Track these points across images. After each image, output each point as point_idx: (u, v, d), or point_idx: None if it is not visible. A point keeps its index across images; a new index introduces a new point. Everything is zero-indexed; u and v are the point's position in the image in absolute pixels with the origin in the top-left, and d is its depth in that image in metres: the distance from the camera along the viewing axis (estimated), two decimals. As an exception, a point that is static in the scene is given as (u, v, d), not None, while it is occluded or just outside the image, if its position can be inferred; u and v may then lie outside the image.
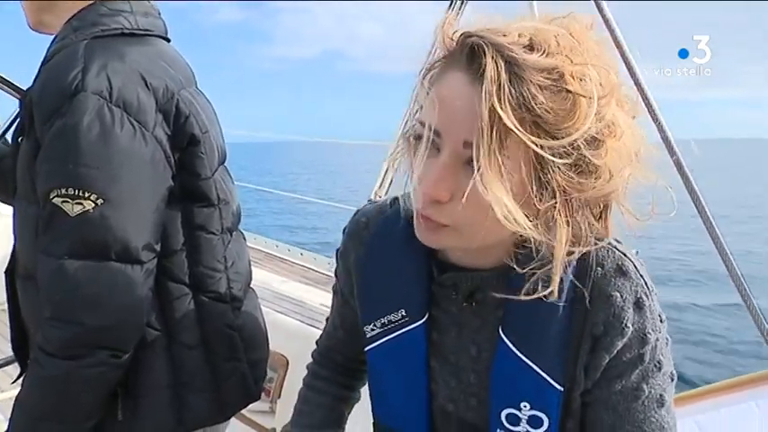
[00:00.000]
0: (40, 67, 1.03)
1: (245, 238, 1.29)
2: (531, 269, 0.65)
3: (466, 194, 0.59)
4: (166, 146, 1.01)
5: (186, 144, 1.05)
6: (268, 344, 1.28)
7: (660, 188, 0.65)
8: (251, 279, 1.27)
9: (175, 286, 1.07)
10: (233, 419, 1.23)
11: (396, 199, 0.81)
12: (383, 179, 2.61)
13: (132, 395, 1.04)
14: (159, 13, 1.15)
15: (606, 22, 1.38)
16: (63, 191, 0.91)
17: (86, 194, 0.91)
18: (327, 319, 0.99)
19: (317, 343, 1.02)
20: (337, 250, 0.88)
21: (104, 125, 0.92)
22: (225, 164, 1.21)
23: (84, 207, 0.91)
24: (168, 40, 1.17)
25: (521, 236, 0.67)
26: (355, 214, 0.87)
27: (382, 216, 0.82)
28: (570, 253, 0.64)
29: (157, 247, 1.01)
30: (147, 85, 0.99)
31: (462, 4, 2.12)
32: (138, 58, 1.01)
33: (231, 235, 1.17)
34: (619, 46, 1.36)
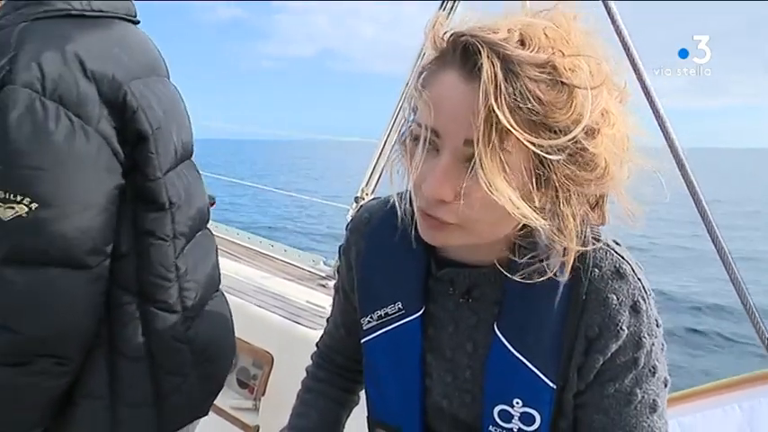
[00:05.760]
0: None
1: (212, 237, 1.21)
2: (529, 259, 0.67)
3: (471, 193, 0.60)
4: (114, 141, 0.93)
5: (135, 141, 0.96)
6: (232, 354, 1.21)
7: (656, 176, 0.65)
8: (216, 285, 1.19)
9: (120, 293, 0.99)
10: (215, 416, 1.20)
11: (397, 194, 0.81)
12: (370, 177, 2.60)
13: (66, 401, 0.97)
14: None
15: (616, 27, 1.36)
16: None
17: (18, 198, 0.84)
18: (328, 320, 0.99)
19: (317, 345, 1.01)
20: (340, 246, 0.88)
21: (36, 122, 0.84)
22: (191, 159, 1.14)
23: (17, 211, 0.84)
24: (136, 23, 1.08)
25: (520, 231, 0.68)
26: (358, 210, 0.88)
27: (383, 211, 0.83)
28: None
29: (108, 250, 0.94)
30: (87, 74, 0.89)
31: (454, 4, 2.12)
32: (83, 43, 0.91)
33: (188, 240, 1.08)
34: (628, 51, 1.34)
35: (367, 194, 2.62)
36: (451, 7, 2.12)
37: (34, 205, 0.84)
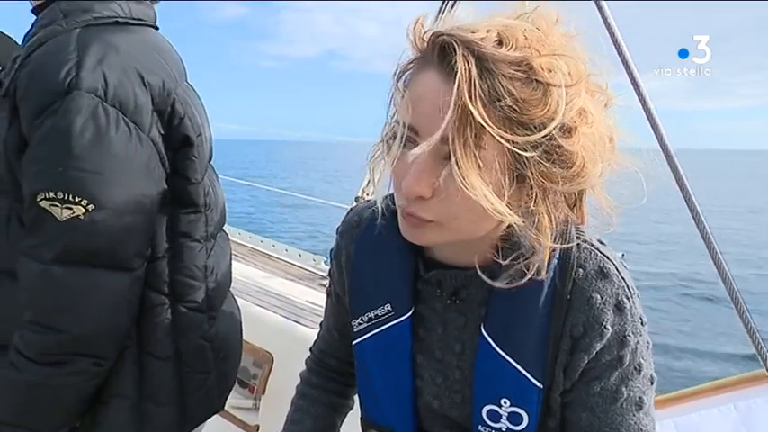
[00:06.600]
0: (26, 49, 0.93)
1: (228, 237, 1.25)
2: (512, 260, 0.67)
3: (448, 189, 0.60)
4: (161, 147, 0.96)
5: (179, 146, 1.00)
6: (241, 351, 1.24)
7: (640, 175, 0.65)
8: (230, 284, 1.22)
9: (153, 295, 1.01)
10: (215, 415, 1.22)
11: (386, 197, 0.82)
12: (371, 177, 2.60)
13: (93, 401, 0.99)
14: (152, 0, 1.08)
15: (609, 28, 1.35)
16: (51, 194, 0.86)
17: (77, 199, 0.86)
18: (321, 324, 1.00)
19: (311, 350, 1.02)
20: (331, 250, 0.89)
21: (99, 127, 0.87)
22: (211, 162, 1.17)
23: (74, 212, 0.86)
24: (157, 29, 1.10)
25: (505, 232, 0.69)
26: (348, 213, 0.88)
27: (373, 214, 0.83)
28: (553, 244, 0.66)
29: (148, 254, 0.97)
30: (143, 82, 0.93)
31: (453, 5, 2.12)
32: (133, 51, 0.94)
33: (215, 240, 1.12)
34: (620, 52, 1.33)
35: (368, 194, 2.62)
36: (451, 8, 2.13)
37: (91, 207, 0.87)
